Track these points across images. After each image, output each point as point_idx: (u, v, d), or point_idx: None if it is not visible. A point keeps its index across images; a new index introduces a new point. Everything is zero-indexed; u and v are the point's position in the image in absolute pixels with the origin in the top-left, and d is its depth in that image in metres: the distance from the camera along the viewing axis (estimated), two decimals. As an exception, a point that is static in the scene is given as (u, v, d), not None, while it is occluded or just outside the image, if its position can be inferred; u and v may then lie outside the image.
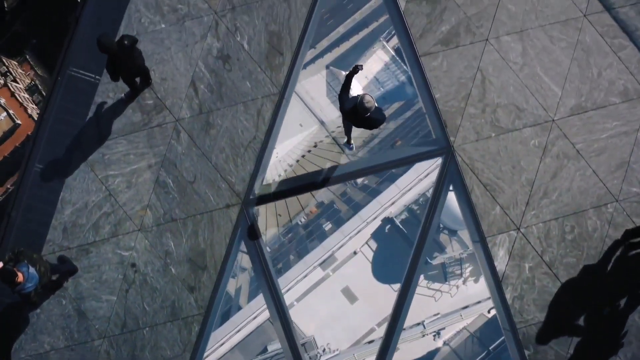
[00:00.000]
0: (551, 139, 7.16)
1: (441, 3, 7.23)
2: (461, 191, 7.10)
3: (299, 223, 20.88)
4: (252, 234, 6.96)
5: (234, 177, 7.06)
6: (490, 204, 7.07)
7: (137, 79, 6.86)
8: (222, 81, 7.16)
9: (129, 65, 6.37)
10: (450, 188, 7.23)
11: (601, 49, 7.31)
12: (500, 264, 7.02)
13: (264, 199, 7.12)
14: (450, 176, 7.12)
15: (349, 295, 20.25)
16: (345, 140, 7.50)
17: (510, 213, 7.06)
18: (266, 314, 14.91)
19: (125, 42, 6.17)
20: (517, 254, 7.04)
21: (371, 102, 5.49)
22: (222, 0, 7.22)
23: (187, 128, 7.11)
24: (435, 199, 7.10)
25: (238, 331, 16.62)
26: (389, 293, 19.78)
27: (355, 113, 5.66)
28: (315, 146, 22.09)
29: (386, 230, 21.19)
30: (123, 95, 7.10)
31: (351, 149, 7.75)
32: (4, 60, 41.12)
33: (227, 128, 7.11)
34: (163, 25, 7.22)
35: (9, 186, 43.33)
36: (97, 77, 7.18)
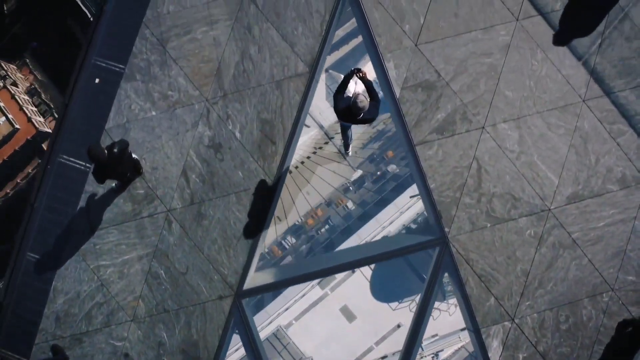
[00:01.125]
0: (547, 228, 7.08)
1: (437, 90, 7.08)
2: (456, 281, 7.05)
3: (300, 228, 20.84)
4: (245, 328, 6.95)
5: (227, 268, 7.01)
6: (484, 294, 7.02)
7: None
8: (214, 171, 7.07)
9: (118, 172, 6.28)
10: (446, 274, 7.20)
11: (600, 134, 7.17)
12: (494, 355, 7.00)
13: (258, 290, 7.09)
14: (445, 266, 7.06)
15: (348, 314, 20.33)
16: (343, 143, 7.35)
17: (504, 304, 7.02)
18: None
19: (115, 150, 6.07)
20: (511, 344, 7.02)
21: (364, 102, 5.79)
22: (213, 87, 7.08)
23: (178, 218, 7.04)
24: (430, 288, 7.07)
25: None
26: (388, 312, 19.88)
27: (349, 112, 5.92)
28: (314, 152, 21.96)
29: (385, 249, 21.12)
30: (114, 184, 7.02)
31: (348, 154, 8.03)
32: (3, 64, 40.71)
33: (219, 219, 7.04)
34: (154, 113, 7.09)
35: (8, 190, 43.34)
36: (87, 165, 7.08)
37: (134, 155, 6.77)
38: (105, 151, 6.02)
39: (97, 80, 7.12)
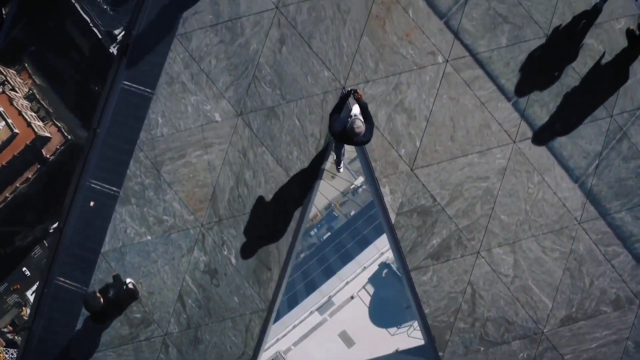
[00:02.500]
0: (540, 351, 7.15)
1: (432, 215, 7.07)
2: (450, 404, 7.16)
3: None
4: None
5: (223, 392, 7.12)
6: (477, 416, 7.14)
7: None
8: (209, 296, 7.11)
9: (116, 312, 6.33)
10: None
11: (594, 257, 7.19)
12: None
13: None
14: (439, 387, 7.17)
15: (346, 340, 20.58)
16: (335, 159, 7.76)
17: None
18: None
19: (111, 293, 6.10)
20: None
21: (361, 128, 5.73)
22: (208, 212, 7.07)
23: (175, 342, 7.11)
24: (424, 408, 7.19)
25: None
26: (386, 337, 20.11)
27: (344, 134, 5.90)
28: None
29: (383, 275, 21.37)
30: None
31: (339, 170, 8.10)
32: (2, 69, 40.42)
33: (215, 343, 7.11)
34: (149, 237, 7.10)
35: (7, 194, 43.33)
36: (84, 287, 7.12)
37: (129, 284, 6.81)
38: (101, 299, 6.05)
39: (91, 204, 7.10)
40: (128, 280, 6.90)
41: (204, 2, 7.20)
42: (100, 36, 40.26)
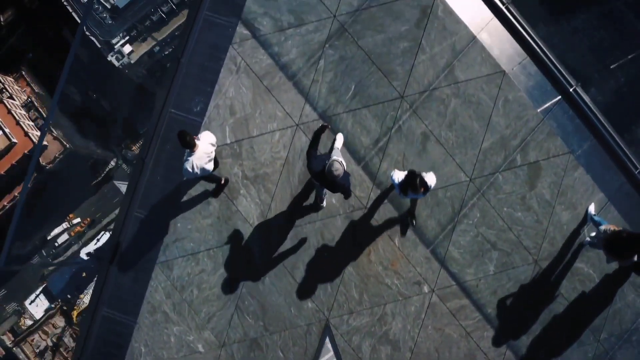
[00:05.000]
0: None
1: None
2: None
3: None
4: None
5: None
6: None
7: None
8: None
9: None
10: None
11: None
12: None
13: None
14: None
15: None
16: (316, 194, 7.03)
17: None
18: None
19: None
20: None
21: (339, 170, 5.50)
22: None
23: None
24: None
25: None
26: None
27: (322, 175, 5.67)
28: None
29: None
30: None
31: (322, 207, 7.08)
32: (0, 76, 39.68)
33: None
34: None
35: (5, 203, 43.14)
36: None
37: None
38: None
39: None
40: None
41: (184, 228, 7.05)
42: (99, 45, 39.52)
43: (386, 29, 7.06)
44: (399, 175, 6.00)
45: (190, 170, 5.86)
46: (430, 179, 5.88)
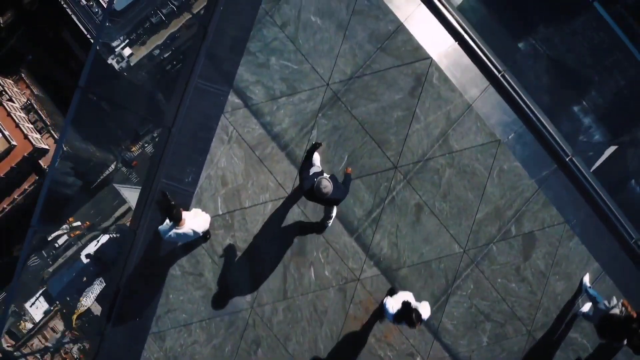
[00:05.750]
0: None
1: None
2: None
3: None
4: None
5: None
6: None
7: None
8: None
9: None
10: None
11: None
12: None
13: None
14: None
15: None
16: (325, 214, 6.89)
17: None
18: None
19: None
20: None
21: (328, 188, 5.44)
22: None
23: None
24: None
25: None
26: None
27: (312, 193, 5.64)
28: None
29: None
30: None
31: (327, 225, 6.98)
32: (0, 79, 39.41)
33: None
34: None
35: (5, 206, 43.10)
36: None
37: None
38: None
39: None
40: None
41: (177, 299, 7.01)
42: (98, 48, 39.23)
43: (380, 97, 6.96)
44: (392, 304, 5.99)
45: (166, 237, 5.84)
46: (425, 311, 5.92)
